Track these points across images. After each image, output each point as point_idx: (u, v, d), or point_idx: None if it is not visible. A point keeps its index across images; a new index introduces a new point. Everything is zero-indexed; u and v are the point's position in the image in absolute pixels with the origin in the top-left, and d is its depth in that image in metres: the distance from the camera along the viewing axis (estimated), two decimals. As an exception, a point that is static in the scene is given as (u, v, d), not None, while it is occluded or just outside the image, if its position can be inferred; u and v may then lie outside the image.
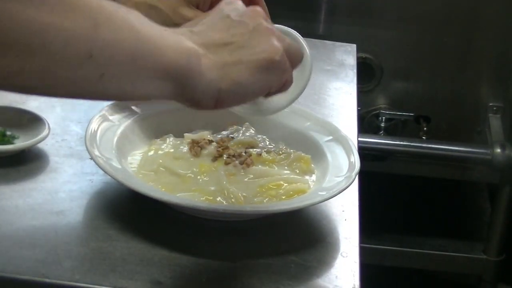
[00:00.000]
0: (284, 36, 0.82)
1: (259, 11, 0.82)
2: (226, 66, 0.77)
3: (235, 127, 1.03)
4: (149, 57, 0.72)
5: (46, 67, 0.65)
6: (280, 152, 0.99)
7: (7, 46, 0.63)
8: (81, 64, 0.67)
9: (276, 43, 0.80)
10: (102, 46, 0.68)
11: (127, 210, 0.90)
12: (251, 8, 0.82)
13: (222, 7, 0.82)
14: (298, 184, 0.94)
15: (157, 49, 0.73)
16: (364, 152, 1.93)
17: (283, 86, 0.83)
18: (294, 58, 0.83)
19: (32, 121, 1.01)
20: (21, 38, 0.63)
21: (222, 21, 0.80)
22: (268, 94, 0.83)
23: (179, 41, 0.75)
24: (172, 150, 0.96)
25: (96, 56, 0.67)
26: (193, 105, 0.78)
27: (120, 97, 0.75)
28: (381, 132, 2.10)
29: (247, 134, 1.02)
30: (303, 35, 0.91)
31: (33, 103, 1.08)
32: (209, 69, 0.76)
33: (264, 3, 0.95)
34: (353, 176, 0.92)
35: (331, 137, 1.01)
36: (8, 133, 1.00)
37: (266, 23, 0.81)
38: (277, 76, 0.80)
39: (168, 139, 0.99)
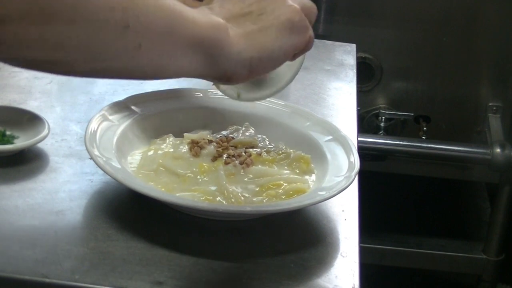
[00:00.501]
0: None
1: None
2: (252, 34, 0.80)
3: (235, 127, 1.03)
4: (181, 29, 0.74)
5: (87, 37, 0.67)
6: (280, 152, 0.99)
7: (51, 15, 0.64)
8: (120, 34, 0.69)
9: (292, 3, 0.82)
10: (138, 15, 0.70)
11: (127, 210, 0.90)
12: None
13: None
14: (298, 184, 0.94)
15: (188, 21, 0.75)
16: (364, 152, 1.93)
17: (307, 45, 0.84)
18: (310, 15, 0.84)
19: (32, 121, 1.01)
20: (61, 7, 0.65)
21: None
22: (294, 55, 0.85)
23: (205, 15, 0.78)
24: (171, 150, 0.96)
25: (133, 26, 0.69)
26: (225, 79, 0.80)
27: (156, 73, 0.76)
28: (380, 132, 2.10)
29: (247, 134, 1.02)
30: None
31: (33, 103, 1.08)
32: (237, 39, 0.78)
33: None
34: (353, 176, 0.92)
35: (331, 137, 1.01)
36: (8, 133, 1.00)
37: None
38: (300, 35, 0.83)
39: (168, 139, 0.99)
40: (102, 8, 0.67)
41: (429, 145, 2.04)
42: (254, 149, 0.98)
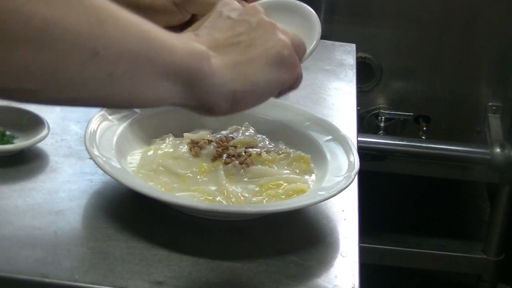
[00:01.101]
0: (285, 30, 0.81)
1: (258, 8, 0.81)
2: (238, 66, 0.75)
3: (234, 127, 1.03)
4: (157, 56, 0.69)
5: (53, 64, 0.63)
6: (280, 152, 0.99)
7: (13, 40, 0.60)
8: (88, 62, 0.64)
9: (282, 37, 0.78)
10: (108, 42, 0.65)
11: (127, 210, 0.90)
12: (250, 5, 0.81)
13: (220, 9, 0.80)
14: (298, 183, 0.94)
15: (165, 49, 0.70)
16: (364, 151, 1.93)
17: (295, 82, 0.81)
18: (299, 52, 0.81)
19: (32, 121, 1.01)
20: (25, 33, 0.61)
21: (224, 22, 0.78)
22: (280, 92, 0.81)
23: (186, 43, 0.73)
24: (171, 150, 0.96)
25: (103, 54, 0.65)
26: (206, 111, 0.75)
27: (129, 102, 0.71)
28: (380, 132, 2.10)
29: (247, 134, 1.02)
30: (303, 35, 0.92)
31: (32, 103, 1.08)
32: (221, 70, 0.74)
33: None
34: (353, 176, 0.92)
35: (330, 137, 1.01)
36: (8, 133, 1.00)
37: (267, 18, 0.80)
38: (289, 70, 0.79)
39: (167, 139, 0.99)
40: (70, 34, 0.63)
41: (429, 145, 2.04)
42: (254, 149, 0.98)
